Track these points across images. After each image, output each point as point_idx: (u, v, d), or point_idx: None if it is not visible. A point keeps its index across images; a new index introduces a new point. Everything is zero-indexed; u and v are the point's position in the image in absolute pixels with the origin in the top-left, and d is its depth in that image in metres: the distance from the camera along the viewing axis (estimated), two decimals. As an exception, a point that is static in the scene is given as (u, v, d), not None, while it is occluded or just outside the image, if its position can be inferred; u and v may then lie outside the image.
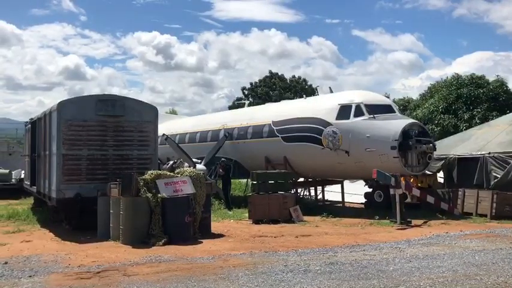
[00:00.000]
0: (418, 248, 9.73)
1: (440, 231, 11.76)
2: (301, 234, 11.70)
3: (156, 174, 11.47)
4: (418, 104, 30.38)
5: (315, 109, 16.85)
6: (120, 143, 13.17)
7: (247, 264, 8.31)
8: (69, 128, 12.59)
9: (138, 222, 10.75)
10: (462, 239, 10.77)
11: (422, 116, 28.22)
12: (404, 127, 14.68)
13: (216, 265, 8.27)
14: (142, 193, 10.97)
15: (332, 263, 8.33)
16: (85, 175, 12.73)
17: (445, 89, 28.57)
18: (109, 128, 13.05)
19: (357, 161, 15.14)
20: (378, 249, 9.65)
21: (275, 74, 58.96)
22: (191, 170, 12.12)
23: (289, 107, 19.15)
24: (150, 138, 13.68)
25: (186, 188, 11.61)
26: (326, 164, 16.20)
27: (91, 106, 12.87)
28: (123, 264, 8.53)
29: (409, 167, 14.90)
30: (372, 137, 14.79)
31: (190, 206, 11.29)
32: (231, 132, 20.45)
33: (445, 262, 8.30)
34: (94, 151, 12.85)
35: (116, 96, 13.81)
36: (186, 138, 23.94)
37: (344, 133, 15.45)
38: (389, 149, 14.45)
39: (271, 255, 9.14)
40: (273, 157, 18.17)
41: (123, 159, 13.23)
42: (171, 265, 8.34)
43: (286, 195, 14.74)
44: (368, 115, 15.28)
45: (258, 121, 19.25)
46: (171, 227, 10.83)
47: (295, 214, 14.71)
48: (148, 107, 13.91)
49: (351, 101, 15.87)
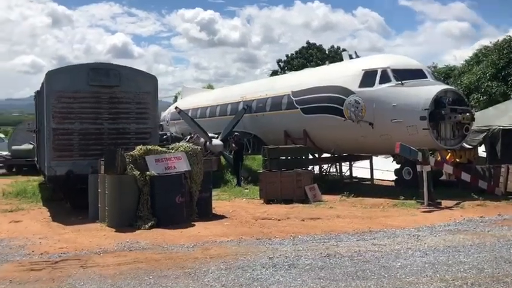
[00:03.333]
0: (440, 236, 8.12)
1: (474, 215, 10.01)
2: (309, 217, 10.30)
3: (146, 149, 10.31)
4: (464, 70, 27.62)
5: (337, 76, 15.09)
6: (115, 115, 12.14)
7: (227, 255, 7.05)
8: (59, 100, 11.63)
9: (124, 203, 9.67)
10: (499, 225, 9.02)
11: (467, 83, 25.58)
12: (437, 94, 12.73)
13: (192, 256, 7.05)
14: (129, 171, 9.87)
15: (329, 255, 6.92)
16: (78, 151, 11.82)
17: (495, 54, 25.68)
18: (103, 99, 12.02)
19: (382, 133, 13.39)
20: (391, 237, 8.12)
21: (312, 44, 56.45)
22: (187, 145, 10.87)
23: (309, 75, 17.44)
24: (149, 111, 12.54)
25: (180, 165, 10.41)
26: (348, 137, 14.54)
27: (83, 76, 11.84)
28: (90, 252, 7.49)
29: (442, 140, 13.01)
30: (399, 106, 12.95)
31: (183, 185, 10.10)
32: (250, 104, 19.06)
33: (470, 257, 6.69)
34: (87, 125, 11.89)
35: (109, 64, 12.72)
36: (207, 112, 22.78)
37: (368, 102, 13.68)
38: (419, 119, 12.60)
39: (262, 243, 7.83)
40: (293, 131, 16.66)
41: (119, 133, 12.21)
42: (141, 255, 7.20)
43: (301, 173, 13.27)
44: (395, 81, 13.41)
45: (278, 92, 17.70)
46: (161, 209, 9.69)
47: (311, 193, 13.26)
48: (146, 76, 12.73)
49: (376, 66, 14.00)
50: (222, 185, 16.66)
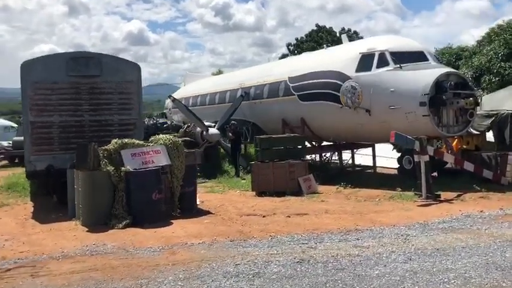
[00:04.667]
0: (432, 236, 7.40)
1: (474, 209, 9.24)
2: (296, 213, 9.66)
3: (121, 143, 9.74)
4: (475, 51, 26.35)
5: (333, 61, 14.26)
6: (97, 107, 11.63)
7: (193, 261, 6.47)
8: (36, 91, 11.13)
9: (97, 200, 9.16)
10: (498, 221, 8.25)
11: (478, 64, 24.38)
12: (438, 78, 11.82)
13: (154, 262, 6.49)
14: (102, 166, 9.32)
15: (302, 260, 6.28)
16: (58, 144, 11.36)
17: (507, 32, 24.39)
18: (83, 90, 11.50)
19: (380, 121, 12.57)
20: (377, 237, 7.44)
21: (322, 27, 55.12)
22: (167, 138, 10.26)
23: (307, 60, 16.62)
24: (132, 101, 11.98)
25: (159, 159, 9.83)
26: (346, 125, 13.76)
27: (61, 66, 11.31)
28: (50, 257, 6.99)
29: (444, 127, 12.14)
30: (397, 91, 12.10)
31: (161, 181, 9.52)
32: (248, 91, 18.35)
33: (459, 262, 5.98)
34: (67, 117, 11.39)
35: (89, 53, 12.15)
36: (207, 99, 22.15)
37: (364, 88, 12.85)
38: (418, 105, 11.74)
39: (235, 245, 7.22)
40: (290, 118, 15.94)
41: (101, 125, 11.70)
42: (101, 260, 6.67)
43: (294, 163, 12.59)
44: (394, 65, 12.54)
45: (275, 78, 16.93)
46: (136, 206, 9.15)
47: (305, 185, 12.61)
48: (129, 65, 12.14)
49: (373, 48, 13.12)
50: (219, 175, 16.14)
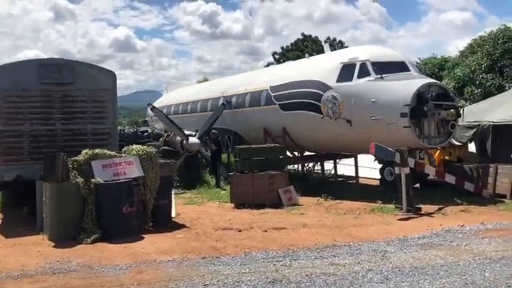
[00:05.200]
0: (410, 252, 7.15)
1: (454, 224, 9.04)
2: (273, 227, 9.35)
3: (92, 154, 9.36)
4: (458, 62, 26.46)
5: (315, 70, 14.07)
6: (69, 115, 11.20)
7: (159, 281, 6.12)
8: (5, 99, 10.68)
9: (65, 213, 8.74)
10: (479, 237, 8.04)
11: (461, 75, 24.46)
12: (419, 89, 11.69)
13: (117, 282, 6.12)
14: (71, 178, 8.93)
15: (274, 280, 5.97)
16: (28, 154, 10.88)
17: (489, 44, 24.54)
18: (55, 98, 11.07)
19: (361, 131, 12.38)
20: (354, 254, 7.16)
21: (308, 36, 55.31)
22: (140, 148, 9.91)
23: (288, 69, 16.42)
24: (107, 110, 11.58)
25: (131, 170, 9.46)
26: (327, 135, 13.54)
27: (32, 73, 10.88)
28: (8, 276, 6.57)
29: (426, 138, 11.99)
30: (378, 102, 11.93)
31: (133, 193, 9.15)
32: (230, 100, 18.07)
33: (437, 282, 5.73)
34: (38, 126, 10.95)
35: (62, 60, 11.77)
36: (189, 107, 21.82)
37: (345, 98, 12.66)
38: (399, 116, 11.58)
39: (206, 263, 6.89)
40: (272, 128, 15.68)
41: (74, 134, 11.27)
42: (62, 280, 6.28)
43: (274, 175, 12.32)
44: (375, 75, 12.38)
45: (257, 87, 16.70)
46: (106, 220, 8.76)
47: (285, 196, 12.33)
48: (104, 72, 11.75)
49: (355, 58, 12.95)
50: (199, 186, 15.81)
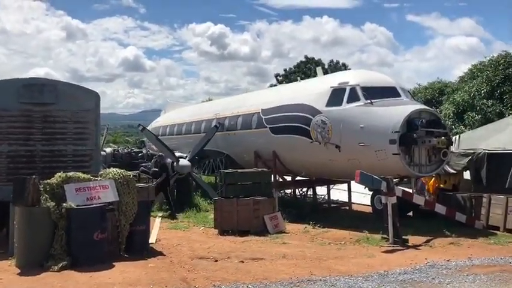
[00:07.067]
0: (388, 290, 6.74)
1: (440, 258, 8.59)
2: (251, 257, 8.95)
3: (66, 177, 9.07)
4: (457, 87, 26.17)
5: (305, 94, 13.84)
6: (50, 136, 10.96)
7: (114, 316, 5.74)
8: (-16, 119, 10.50)
9: (33, 239, 8.40)
10: (464, 273, 7.59)
11: (461, 101, 24.13)
12: (409, 115, 11.39)
13: (70, 317, 5.75)
14: (43, 202, 8.62)
15: (236, 320, 5.58)
16: (5, 175, 10.59)
17: (490, 69, 24.27)
18: (36, 118, 10.85)
19: (350, 157, 12.06)
20: (329, 291, 6.76)
21: (311, 58, 55.42)
22: (116, 171, 9.61)
23: (280, 92, 16.21)
24: (89, 131, 11.33)
25: (106, 194, 9.15)
26: (316, 160, 13.22)
27: (12, 92, 10.68)
28: (-41, 306, 6.22)
29: (416, 166, 11.63)
30: (367, 127, 11.62)
31: (105, 219, 8.82)
32: (222, 122, 17.85)
33: (410, 326, 5.32)
34: (17, 146, 10.70)
35: (44, 79, 11.60)
36: (183, 129, 21.62)
37: (334, 123, 12.37)
38: (388, 143, 11.25)
39: (170, 298, 6.51)
40: (263, 151, 15.39)
41: (54, 156, 11.00)
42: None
43: (259, 200, 11.96)
44: (365, 100, 12.10)
45: (248, 109, 16.48)
46: (76, 246, 8.40)
47: (271, 223, 11.97)
48: (86, 92, 11.55)
49: (345, 83, 12.70)
50: (188, 209, 15.47)
